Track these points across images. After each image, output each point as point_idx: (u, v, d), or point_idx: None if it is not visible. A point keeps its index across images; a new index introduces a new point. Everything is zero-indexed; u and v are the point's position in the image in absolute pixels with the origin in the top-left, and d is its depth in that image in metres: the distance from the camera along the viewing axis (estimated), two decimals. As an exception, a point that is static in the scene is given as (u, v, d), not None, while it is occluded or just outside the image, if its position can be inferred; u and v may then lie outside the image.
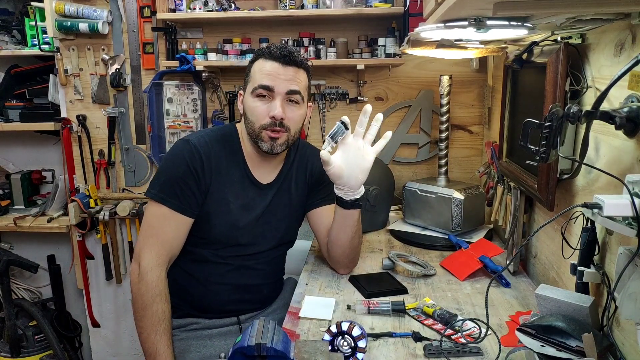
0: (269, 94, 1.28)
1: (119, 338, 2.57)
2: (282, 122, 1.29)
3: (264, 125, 1.29)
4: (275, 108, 1.27)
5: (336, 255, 1.44)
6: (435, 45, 1.35)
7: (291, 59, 1.29)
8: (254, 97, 1.30)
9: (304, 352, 0.88)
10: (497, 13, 0.80)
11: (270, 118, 1.28)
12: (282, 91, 1.28)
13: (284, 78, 1.28)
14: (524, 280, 1.41)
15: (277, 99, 1.28)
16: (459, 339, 1.06)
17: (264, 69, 1.29)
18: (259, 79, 1.29)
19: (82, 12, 2.15)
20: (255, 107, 1.30)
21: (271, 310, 1.48)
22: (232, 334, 1.39)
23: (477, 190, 1.75)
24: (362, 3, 1.95)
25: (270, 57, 1.29)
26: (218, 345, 1.36)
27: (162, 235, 1.28)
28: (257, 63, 1.32)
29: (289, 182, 1.44)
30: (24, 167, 2.54)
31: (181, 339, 1.37)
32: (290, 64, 1.29)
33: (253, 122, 1.31)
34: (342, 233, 1.37)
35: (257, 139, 1.31)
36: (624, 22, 0.91)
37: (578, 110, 0.86)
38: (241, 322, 1.42)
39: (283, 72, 1.28)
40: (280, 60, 1.28)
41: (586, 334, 0.83)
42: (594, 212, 0.76)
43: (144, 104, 2.28)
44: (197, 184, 1.30)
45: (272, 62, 1.29)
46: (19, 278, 2.58)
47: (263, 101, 1.29)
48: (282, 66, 1.28)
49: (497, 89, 1.83)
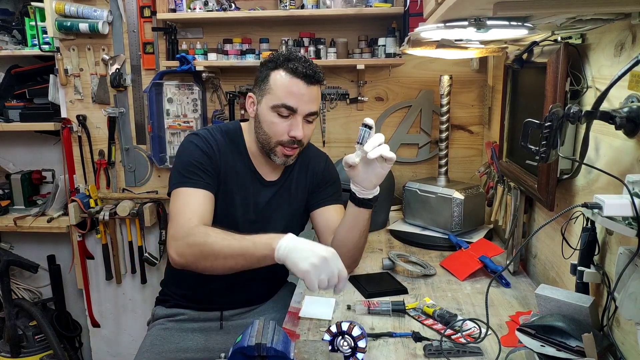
0: (292, 114, 1.28)
1: (119, 338, 2.57)
2: (299, 141, 1.30)
3: (281, 142, 1.30)
4: (297, 129, 1.28)
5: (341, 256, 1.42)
6: (435, 45, 1.35)
7: (315, 78, 1.28)
8: (274, 112, 1.28)
9: (304, 352, 0.88)
10: (497, 13, 0.80)
11: (290, 137, 1.29)
12: (304, 112, 1.28)
13: (307, 99, 1.27)
14: (524, 280, 1.41)
15: (298, 119, 1.28)
16: (459, 339, 1.06)
17: (287, 86, 1.26)
18: (282, 96, 1.26)
19: (82, 12, 2.15)
20: (274, 123, 1.29)
21: (259, 311, 1.47)
22: (213, 331, 1.43)
23: (477, 190, 1.75)
24: (362, 3, 1.95)
25: (295, 74, 1.26)
26: (196, 339, 1.41)
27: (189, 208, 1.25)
28: (278, 74, 1.28)
29: (290, 182, 1.45)
30: (24, 167, 2.54)
31: (165, 328, 1.43)
32: (314, 83, 1.28)
33: (269, 136, 1.31)
34: (350, 233, 1.34)
35: (270, 152, 1.33)
36: (624, 22, 0.91)
37: (578, 110, 0.86)
38: (224, 318, 1.45)
39: (307, 92, 1.27)
40: (305, 79, 1.26)
41: (586, 334, 0.83)
42: (594, 212, 0.76)
43: (144, 104, 2.28)
44: (212, 164, 1.32)
45: (296, 80, 1.26)
46: (19, 278, 2.58)
47: (283, 119, 1.29)
48: (307, 86, 1.27)
49: (497, 89, 1.83)
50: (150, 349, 1.37)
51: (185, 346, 1.38)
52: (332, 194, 1.47)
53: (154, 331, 1.42)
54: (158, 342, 1.39)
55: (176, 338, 1.40)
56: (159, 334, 1.41)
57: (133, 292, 2.51)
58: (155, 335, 1.41)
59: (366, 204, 1.29)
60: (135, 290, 2.51)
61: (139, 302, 2.52)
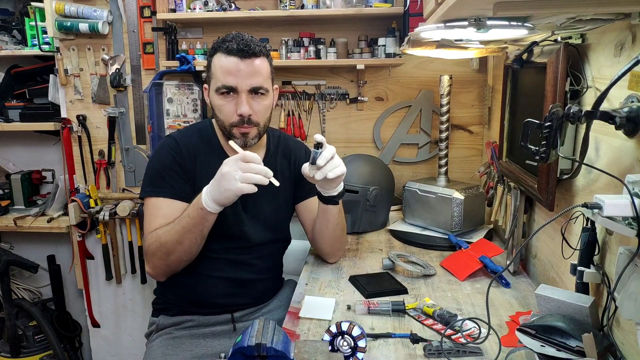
0: (234, 92, 1.29)
1: (119, 338, 2.57)
2: (250, 119, 1.29)
3: (233, 123, 1.31)
4: (242, 106, 1.28)
5: (321, 246, 1.51)
6: (435, 45, 1.35)
7: (249, 51, 1.26)
8: (219, 95, 1.30)
9: (304, 352, 0.88)
10: (497, 13, 0.80)
11: (238, 116, 1.29)
12: (246, 88, 1.28)
13: (245, 73, 1.27)
14: (524, 280, 1.41)
15: (242, 95, 1.28)
16: (459, 339, 1.06)
17: (223, 65, 1.27)
18: (221, 77, 1.28)
19: (82, 12, 2.15)
20: (221, 106, 1.31)
21: (267, 310, 1.47)
22: (226, 334, 1.40)
23: (477, 190, 1.75)
24: (362, 3, 1.95)
25: (228, 52, 1.27)
26: (211, 345, 1.36)
27: (155, 222, 1.31)
28: (216, 58, 1.30)
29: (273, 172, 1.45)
30: (24, 167, 2.54)
31: (175, 337, 1.37)
32: (250, 56, 1.27)
33: (222, 121, 1.33)
34: (323, 226, 1.43)
35: (229, 136, 1.33)
36: (624, 22, 0.91)
37: (578, 110, 0.86)
38: (235, 320, 1.42)
39: (244, 66, 1.26)
40: (238, 54, 1.26)
41: (586, 334, 0.83)
42: (594, 212, 0.76)
43: (144, 104, 2.28)
44: (184, 171, 1.34)
45: (231, 58, 1.26)
46: (19, 278, 2.58)
47: (228, 99, 1.30)
48: (242, 60, 1.26)
49: (497, 89, 1.83)
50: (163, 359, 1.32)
51: (200, 352, 1.33)
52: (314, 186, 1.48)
53: (162, 341, 1.36)
54: (171, 352, 1.33)
55: (188, 345, 1.35)
56: (168, 343, 1.35)
57: (133, 292, 2.51)
58: (166, 345, 1.35)
59: (332, 201, 1.35)
60: (135, 290, 2.50)
61: (139, 302, 2.52)
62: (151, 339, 1.42)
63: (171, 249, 1.26)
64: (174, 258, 1.28)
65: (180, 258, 1.29)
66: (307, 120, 2.20)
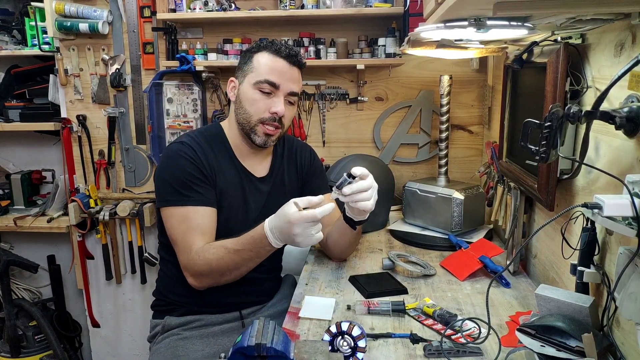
0: (273, 91, 1.31)
1: (119, 338, 2.57)
2: (280, 119, 1.33)
3: (262, 119, 1.32)
4: (278, 105, 1.31)
5: (333, 252, 1.53)
6: (435, 45, 1.35)
7: (297, 60, 1.34)
8: (256, 89, 1.32)
9: (304, 352, 0.88)
10: (497, 13, 0.80)
11: (271, 114, 1.31)
12: (286, 90, 1.32)
13: (289, 77, 1.32)
14: (524, 280, 1.41)
15: (280, 96, 1.32)
16: (459, 339, 1.06)
17: (270, 64, 1.31)
18: (266, 73, 1.31)
19: (82, 12, 2.15)
20: (256, 100, 1.32)
21: (271, 304, 1.49)
22: (235, 331, 1.40)
23: (477, 190, 1.75)
24: (362, 3, 1.95)
25: (278, 54, 1.32)
26: (221, 342, 1.36)
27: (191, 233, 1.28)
28: (261, 55, 1.33)
29: (282, 175, 1.47)
30: (24, 167, 2.54)
31: (184, 337, 1.36)
32: (296, 65, 1.34)
33: (250, 114, 1.33)
34: (340, 238, 1.46)
35: (251, 132, 1.34)
36: (624, 22, 0.91)
37: (578, 110, 0.86)
38: (244, 317, 1.43)
39: (289, 71, 1.32)
40: (288, 59, 1.32)
41: (586, 334, 0.83)
42: (594, 212, 0.76)
43: (144, 104, 2.28)
44: (206, 177, 1.33)
45: (280, 60, 1.32)
46: (19, 278, 2.58)
47: (265, 96, 1.32)
48: (290, 66, 1.32)
49: (497, 89, 1.83)
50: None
51: (211, 351, 1.33)
52: (321, 183, 1.52)
53: (170, 342, 1.35)
54: (182, 353, 1.32)
55: (199, 345, 1.34)
56: (177, 344, 1.34)
57: (133, 292, 2.51)
58: (175, 346, 1.34)
59: (350, 224, 1.37)
60: (135, 290, 2.51)
61: (139, 302, 2.52)
62: (156, 341, 1.40)
63: (226, 273, 1.27)
64: (228, 279, 1.29)
65: (234, 279, 1.30)
66: (307, 121, 2.20)
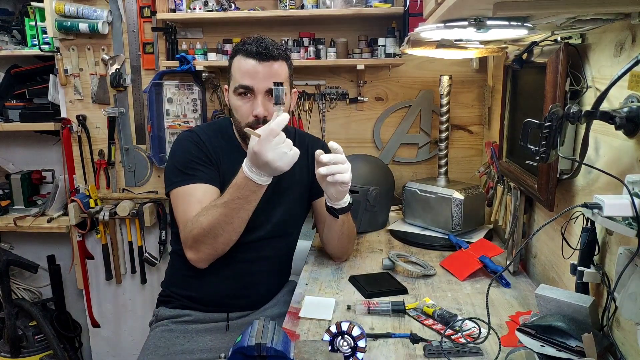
0: (250, 93, 1.32)
1: (119, 338, 2.57)
2: (265, 120, 1.30)
3: (249, 124, 1.32)
4: (257, 107, 1.30)
5: (328, 248, 1.54)
6: (435, 45, 1.35)
7: (267, 54, 1.29)
8: (236, 95, 1.33)
9: (304, 352, 0.88)
10: (497, 13, 0.80)
11: (253, 117, 1.31)
12: (262, 89, 1.31)
13: (263, 76, 1.30)
14: (524, 280, 1.41)
15: (258, 97, 1.31)
16: (459, 339, 1.06)
17: (242, 67, 1.31)
18: (239, 78, 1.31)
19: (82, 12, 2.15)
20: (238, 107, 1.34)
21: (262, 309, 1.48)
22: (218, 331, 1.41)
23: (477, 190, 1.75)
24: (362, 3, 1.95)
25: (247, 55, 1.30)
26: (203, 340, 1.39)
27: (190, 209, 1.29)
28: (236, 60, 1.33)
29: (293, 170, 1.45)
30: (24, 167, 2.54)
31: (170, 329, 1.40)
32: (268, 59, 1.30)
33: (239, 121, 1.36)
34: (328, 231, 1.46)
35: (245, 137, 1.35)
36: (624, 22, 0.91)
37: (578, 110, 0.86)
38: (230, 319, 1.43)
39: (261, 69, 1.30)
40: (258, 57, 1.29)
41: (586, 334, 0.83)
42: (594, 212, 0.76)
43: (144, 104, 2.28)
44: (209, 159, 1.36)
45: (249, 60, 1.30)
46: (19, 278, 2.58)
47: (245, 100, 1.32)
48: (260, 63, 1.30)
49: (497, 89, 1.83)
50: (155, 351, 1.34)
51: (191, 348, 1.36)
52: None
53: (158, 332, 1.40)
54: (162, 344, 1.36)
55: (181, 340, 1.38)
56: (162, 335, 1.38)
57: (133, 292, 2.51)
58: (159, 336, 1.38)
59: (332, 212, 1.36)
60: (135, 290, 2.51)
61: (139, 302, 2.52)
62: (152, 329, 1.46)
63: (219, 232, 1.24)
64: (224, 240, 1.27)
65: (229, 239, 1.28)
66: (307, 120, 2.20)
